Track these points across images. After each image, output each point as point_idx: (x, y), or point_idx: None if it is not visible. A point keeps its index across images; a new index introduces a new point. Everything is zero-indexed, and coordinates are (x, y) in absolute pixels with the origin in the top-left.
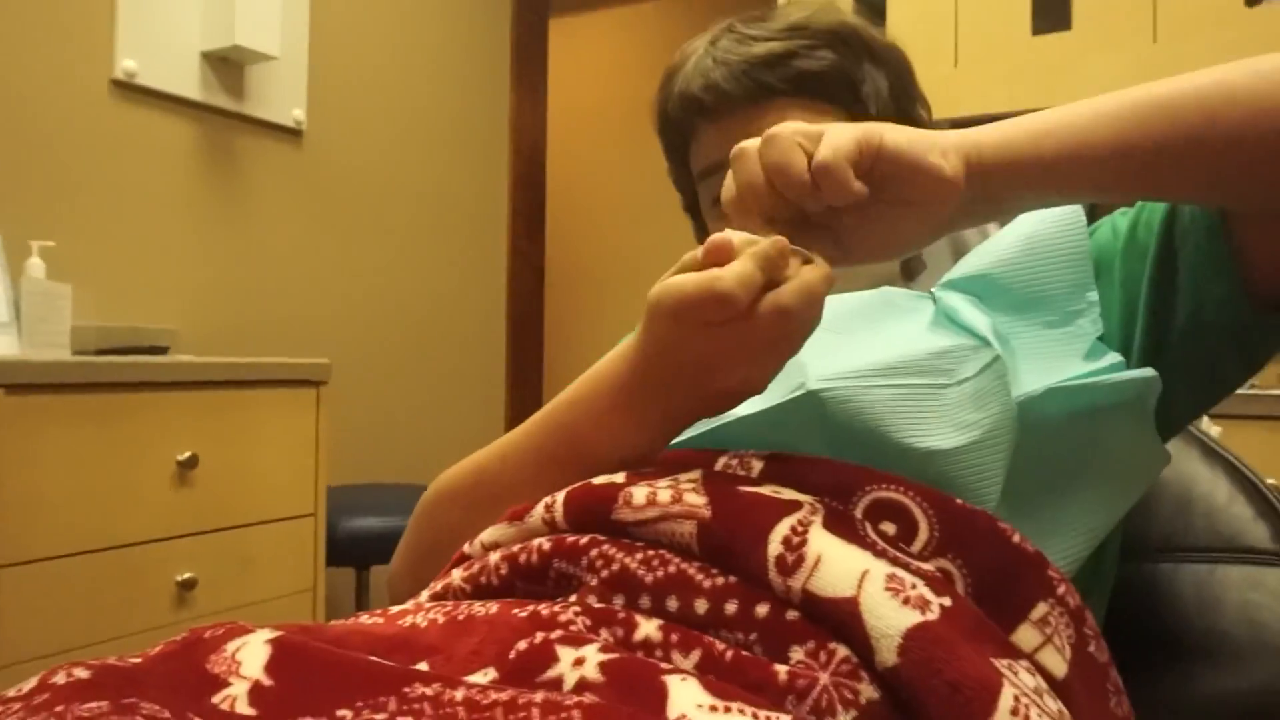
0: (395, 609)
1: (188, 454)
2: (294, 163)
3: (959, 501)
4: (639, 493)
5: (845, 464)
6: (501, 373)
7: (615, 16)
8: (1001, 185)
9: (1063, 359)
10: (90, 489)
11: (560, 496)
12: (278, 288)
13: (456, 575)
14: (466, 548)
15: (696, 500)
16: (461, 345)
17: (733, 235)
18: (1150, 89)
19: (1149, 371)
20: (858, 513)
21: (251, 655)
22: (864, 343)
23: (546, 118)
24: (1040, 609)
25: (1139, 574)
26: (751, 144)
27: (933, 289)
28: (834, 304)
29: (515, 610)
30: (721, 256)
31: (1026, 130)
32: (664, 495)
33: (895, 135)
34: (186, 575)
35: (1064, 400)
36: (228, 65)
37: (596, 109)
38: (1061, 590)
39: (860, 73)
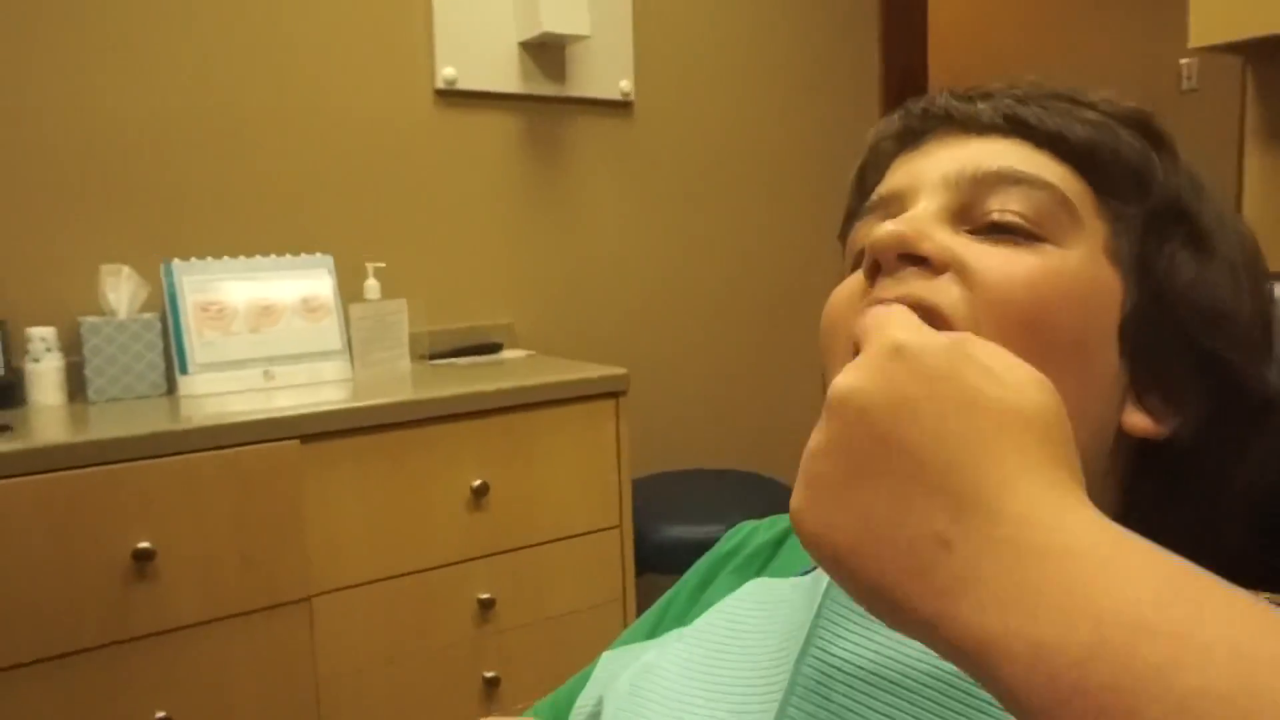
0: None
1: (479, 481)
2: (624, 135)
3: None
4: None
5: None
6: None
7: None
8: None
9: None
10: (386, 521)
11: None
12: (608, 268)
13: None
14: None
15: None
16: (812, 321)
17: None
18: None
19: None
20: None
21: None
22: None
23: (927, 39)
24: None
25: None
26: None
27: None
28: None
29: None
30: None
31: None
32: None
33: None
34: (484, 595)
35: None
36: (546, 51)
37: (983, 21)
38: None
39: (1162, 176)
